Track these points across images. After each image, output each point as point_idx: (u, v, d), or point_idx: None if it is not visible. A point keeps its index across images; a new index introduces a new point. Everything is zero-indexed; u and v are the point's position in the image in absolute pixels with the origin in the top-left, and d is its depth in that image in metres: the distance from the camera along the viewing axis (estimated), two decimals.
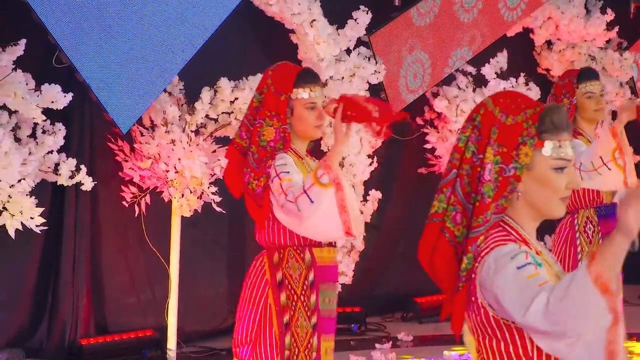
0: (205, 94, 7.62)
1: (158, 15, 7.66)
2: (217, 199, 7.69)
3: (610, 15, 9.64)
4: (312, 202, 4.81)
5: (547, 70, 9.87)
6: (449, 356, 8.19)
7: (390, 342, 8.70)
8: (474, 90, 9.03)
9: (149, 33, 7.62)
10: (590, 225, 6.17)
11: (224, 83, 7.66)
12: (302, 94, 4.96)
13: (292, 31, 8.20)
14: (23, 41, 6.70)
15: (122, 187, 7.84)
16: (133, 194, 7.81)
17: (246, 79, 7.81)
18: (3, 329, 7.94)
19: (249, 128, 5.05)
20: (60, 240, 7.84)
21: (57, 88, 6.67)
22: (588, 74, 6.23)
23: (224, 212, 7.80)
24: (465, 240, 2.94)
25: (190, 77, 7.87)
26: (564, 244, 6.14)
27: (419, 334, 8.99)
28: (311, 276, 5.00)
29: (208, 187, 7.68)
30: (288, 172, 4.92)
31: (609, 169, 6.08)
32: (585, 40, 9.73)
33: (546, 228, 7.03)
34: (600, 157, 6.11)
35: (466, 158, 2.88)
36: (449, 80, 9.12)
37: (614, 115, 9.87)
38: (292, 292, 4.99)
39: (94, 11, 7.42)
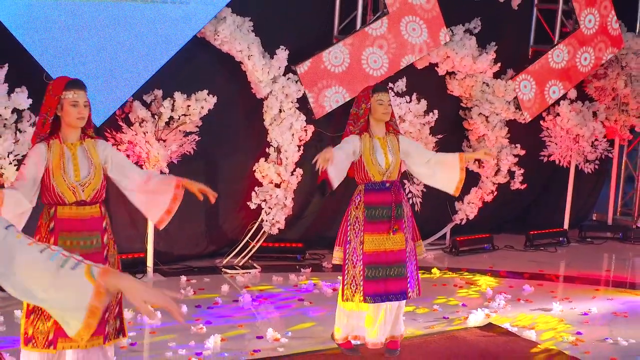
0: (167, 102, 7.61)
1: (124, 41, 7.45)
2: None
3: (492, 55, 9.32)
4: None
5: (452, 92, 9.62)
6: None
7: (310, 268, 8.59)
8: None
9: (117, 54, 7.43)
10: (359, 196, 6.01)
11: (177, 95, 7.64)
12: (68, 95, 4.77)
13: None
14: (6, 65, 6.78)
15: None
16: None
17: (195, 93, 7.74)
18: None
19: (42, 122, 4.81)
20: None
21: (23, 96, 6.72)
22: (380, 88, 6.02)
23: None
24: None
25: (171, 90, 7.76)
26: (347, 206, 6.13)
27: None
28: (52, 225, 4.77)
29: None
30: (25, 164, 4.77)
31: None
32: (481, 72, 9.46)
33: None
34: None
35: None
36: None
37: (509, 124, 9.78)
38: (41, 236, 4.80)
39: (72, 36, 7.20)
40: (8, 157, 6.76)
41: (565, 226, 10.60)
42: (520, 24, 10.14)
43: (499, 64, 9.46)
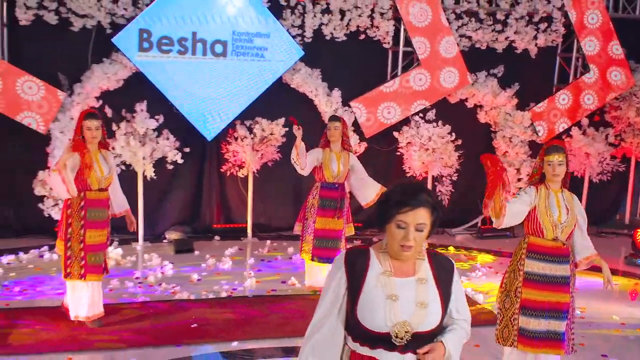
0: (257, 126, 8.93)
1: (226, 85, 8.53)
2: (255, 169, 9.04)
3: (510, 92, 9.94)
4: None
5: (479, 120, 10.30)
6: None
7: (360, 241, 8.97)
8: (417, 127, 9.69)
9: (221, 94, 8.53)
10: (316, 192, 6.83)
11: (263, 121, 8.92)
12: (85, 122, 5.34)
13: None
14: (145, 101, 8.18)
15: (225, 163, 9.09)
16: (229, 165, 9.09)
17: (277, 120, 8.99)
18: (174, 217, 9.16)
19: (76, 139, 5.41)
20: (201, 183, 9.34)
21: (152, 121, 8.20)
22: (332, 118, 6.81)
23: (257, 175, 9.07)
24: None
25: (270, 117, 9.00)
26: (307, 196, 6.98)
27: None
28: (82, 203, 5.46)
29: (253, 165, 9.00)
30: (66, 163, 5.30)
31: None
32: (503, 105, 10.12)
33: None
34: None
35: None
36: (408, 120, 9.76)
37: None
38: (73, 209, 5.50)
39: (190, 81, 8.29)
40: (148, 157, 8.43)
41: None
42: (543, 68, 10.55)
43: (516, 99, 10.08)
